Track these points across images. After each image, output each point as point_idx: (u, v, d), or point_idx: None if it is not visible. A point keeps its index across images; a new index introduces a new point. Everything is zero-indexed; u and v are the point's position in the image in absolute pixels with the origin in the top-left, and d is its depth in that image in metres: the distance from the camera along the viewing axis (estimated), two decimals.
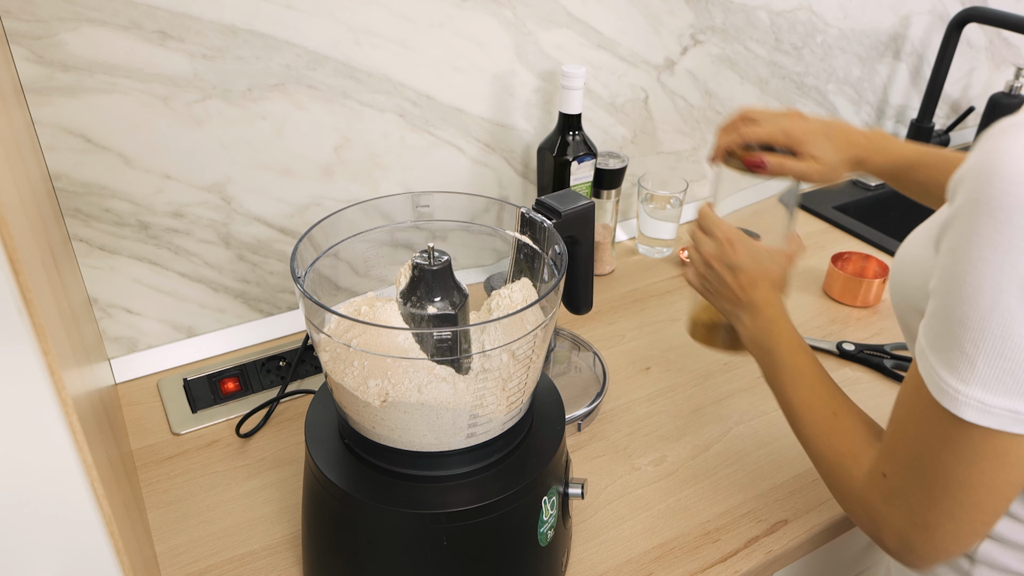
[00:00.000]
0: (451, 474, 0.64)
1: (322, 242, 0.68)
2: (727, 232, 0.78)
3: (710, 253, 0.77)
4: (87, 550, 0.44)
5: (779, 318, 0.73)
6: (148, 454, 0.88)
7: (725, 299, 0.77)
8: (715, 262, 0.77)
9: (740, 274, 0.75)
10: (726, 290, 0.77)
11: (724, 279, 0.76)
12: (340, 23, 0.94)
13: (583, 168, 1.10)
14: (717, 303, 0.79)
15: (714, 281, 0.78)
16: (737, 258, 0.76)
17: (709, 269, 0.78)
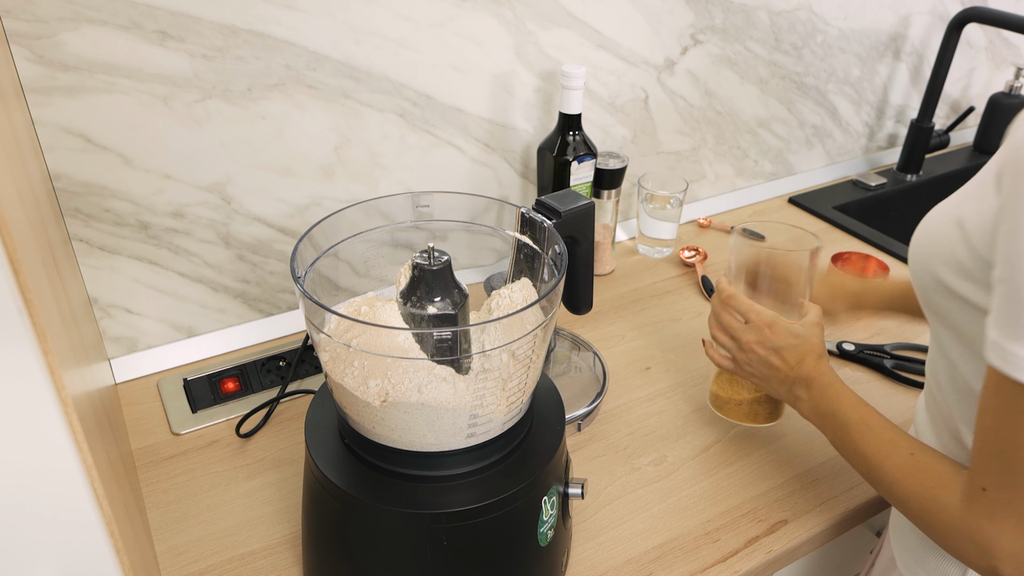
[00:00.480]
0: (451, 474, 0.64)
1: (322, 242, 0.68)
2: (762, 316, 0.79)
3: (752, 340, 0.79)
4: (87, 550, 0.44)
5: (833, 382, 0.75)
6: (148, 454, 0.88)
7: (775, 380, 0.79)
8: (759, 348, 0.79)
9: (786, 353, 0.77)
10: (774, 372, 0.78)
11: (771, 362, 0.78)
12: (340, 23, 0.94)
13: (583, 168, 1.10)
14: (765, 385, 0.81)
15: (759, 365, 0.80)
16: (779, 339, 0.78)
17: (752, 355, 0.80)
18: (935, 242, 0.63)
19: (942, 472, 0.62)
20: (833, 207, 1.43)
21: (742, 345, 0.81)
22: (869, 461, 0.68)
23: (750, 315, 0.80)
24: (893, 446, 0.67)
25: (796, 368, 0.77)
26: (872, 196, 1.49)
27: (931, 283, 0.64)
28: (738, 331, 0.81)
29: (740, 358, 0.82)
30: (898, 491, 0.65)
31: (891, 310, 0.89)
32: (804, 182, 1.51)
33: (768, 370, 0.79)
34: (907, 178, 1.54)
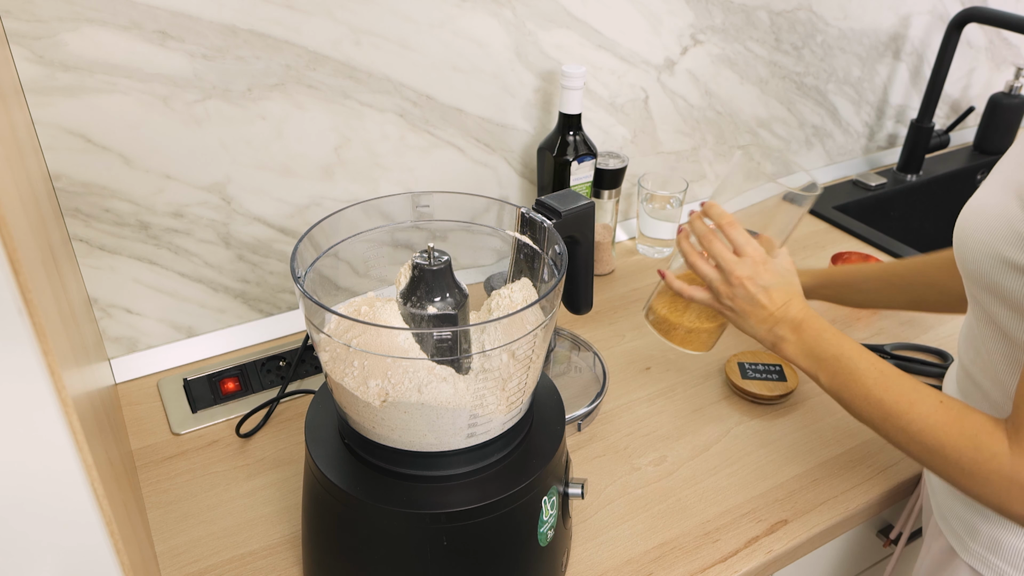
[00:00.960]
0: (451, 474, 0.64)
1: (322, 242, 0.68)
2: (758, 252, 0.78)
3: (744, 275, 0.77)
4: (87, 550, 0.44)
5: (827, 326, 0.73)
6: (148, 454, 0.88)
7: (754, 319, 0.77)
8: (749, 284, 0.77)
9: (774, 293, 0.76)
10: (758, 311, 0.76)
11: (759, 300, 0.76)
12: (340, 23, 0.94)
13: (583, 168, 1.10)
14: (740, 321, 0.78)
15: (743, 301, 0.77)
16: (770, 278, 0.76)
17: (740, 290, 0.77)
18: (991, 224, 0.62)
19: (982, 420, 0.60)
20: (833, 207, 1.43)
21: (730, 278, 0.77)
22: (889, 408, 0.66)
23: (747, 248, 0.78)
24: (917, 393, 0.65)
25: (782, 309, 0.75)
26: (872, 196, 1.49)
27: (992, 264, 0.62)
28: (730, 263, 0.78)
29: (723, 291, 0.78)
30: (930, 440, 0.63)
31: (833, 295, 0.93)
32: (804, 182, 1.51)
33: (752, 307, 0.77)
34: (907, 178, 1.54)
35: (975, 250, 0.64)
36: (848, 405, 0.70)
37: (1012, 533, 0.66)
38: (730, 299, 0.78)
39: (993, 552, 0.68)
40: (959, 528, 0.72)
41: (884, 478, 0.87)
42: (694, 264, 0.80)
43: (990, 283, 0.63)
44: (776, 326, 0.76)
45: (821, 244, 1.33)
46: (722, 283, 0.78)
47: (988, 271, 0.62)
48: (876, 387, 0.67)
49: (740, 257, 0.78)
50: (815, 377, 0.73)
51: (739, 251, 0.78)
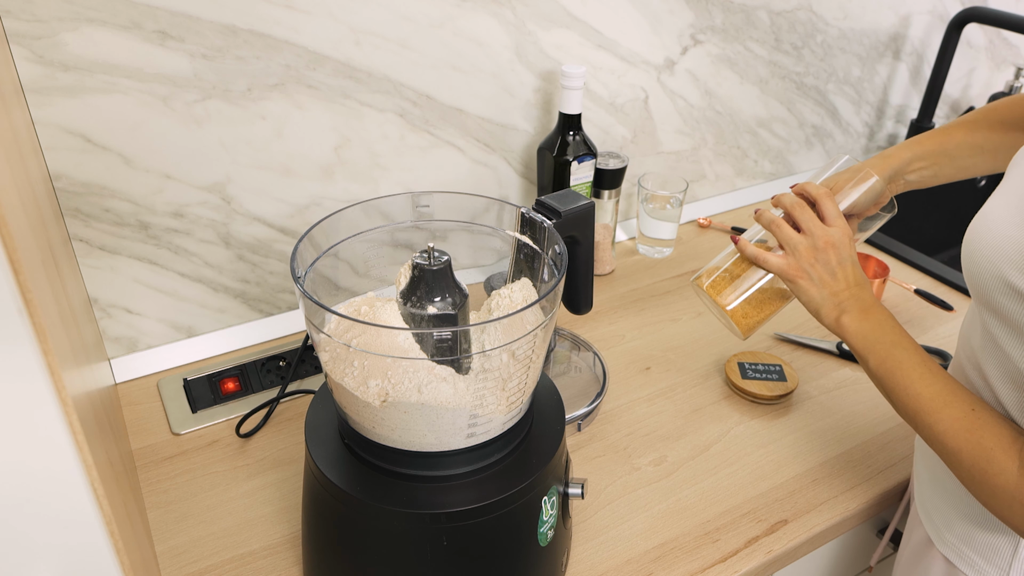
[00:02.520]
0: (451, 474, 0.64)
1: (322, 242, 0.68)
2: (847, 229, 0.78)
3: (832, 242, 0.77)
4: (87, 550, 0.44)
5: (894, 320, 0.73)
6: (148, 454, 0.88)
7: (828, 291, 0.76)
8: (833, 253, 0.77)
9: (851, 271, 0.76)
10: (835, 283, 0.76)
11: (837, 273, 0.76)
12: (340, 23, 0.94)
13: (583, 168, 1.10)
14: (814, 289, 0.77)
15: (822, 269, 0.77)
16: (851, 253, 0.77)
17: (825, 255, 0.77)
18: (1000, 244, 0.62)
19: (1002, 434, 0.61)
20: None
21: (818, 242, 0.77)
22: (924, 403, 0.66)
23: (838, 221, 0.78)
24: (954, 395, 0.65)
25: (854, 289, 0.75)
26: None
27: (996, 284, 0.62)
28: (820, 229, 0.77)
29: (805, 256, 0.77)
30: (950, 442, 0.64)
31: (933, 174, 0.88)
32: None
33: (830, 278, 0.76)
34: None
35: (982, 267, 0.64)
36: (888, 393, 0.70)
37: (984, 528, 0.69)
38: (810, 264, 0.77)
39: (967, 544, 0.71)
40: (937, 520, 0.74)
41: (884, 478, 0.87)
42: (779, 228, 0.80)
43: (992, 302, 0.63)
44: (845, 301, 0.75)
45: None
46: (808, 247, 0.78)
47: (991, 290, 0.63)
48: (919, 380, 0.68)
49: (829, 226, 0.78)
50: (864, 359, 0.73)
51: (830, 223, 0.78)
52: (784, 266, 0.79)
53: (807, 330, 1.12)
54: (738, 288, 0.84)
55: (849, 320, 0.74)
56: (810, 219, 0.78)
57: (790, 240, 0.79)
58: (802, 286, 0.78)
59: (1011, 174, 0.67)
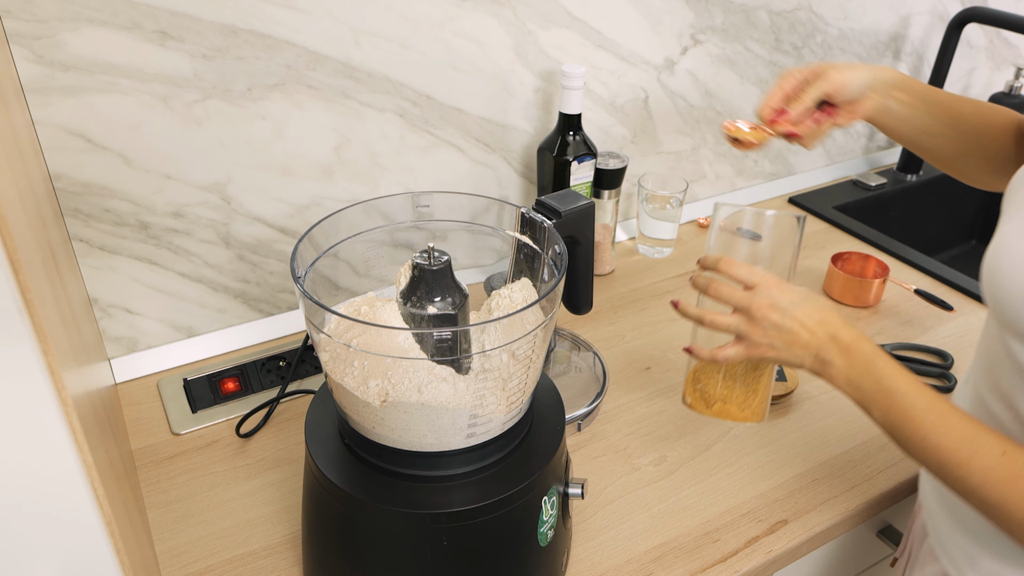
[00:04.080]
0: (451, 474, 0.64)
1: (322, 242, 0.68)
2: (768, 277, 0.71)
3: (764, 304, 0.70)
4: (87, 550, 0.44)
5: (877, 352, 0.66)
6: (148, 454, 0.88)
7: (797, 346, 0.69)
8: (772, 312, 0.69)
9: (801, 312, 0.69)
10: (795, 337, 0.69)
11: (788, 326, 0.69)
12: (340, 23, 0.94)
13: (583, 168, 1.10)
14: (786, 355, 0.70)
15: (775, 333, 0.70)
16: (792, 296, 0.70)
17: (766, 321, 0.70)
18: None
19: None
20: (833, 207, 1.43)
21: (753, 313, 0.70)
22: (947, 457, 0.60)
23: (753, 279, 0.71)
24: (979, 442, 0.59)
25: (820, 328, 0.68)
26: (872, 196, 1.49)
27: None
28: (744, 299, 0.71)
29: (752, 332, 0.71)
30: (992, 496, 0.58)
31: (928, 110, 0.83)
32: (804, 182, 1.51)
33: (788, 335, 0.69)
34: (907, 178, 1.54)
35: (1011, 293, 0.59)
36: (903, 445, 0.64)
37: (1014, 567, 0.65)
38: (762, 337, 0.70)
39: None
40: (958, 557, 0.70)
41: (884, 478, 0.87)
42: (711, 321, 0.74)
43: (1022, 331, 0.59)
44: (821, 349, 0.68)
45: (821, 244, 1.33)
46: (746, 323, 0.71)
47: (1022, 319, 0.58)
48: (934, 432, 0.61)
49: (752, 290, 0.71)
50: (866, 410, 0.66)
51: (747, 284, 0.72)
52: (744, 351, 0.73)
53: None
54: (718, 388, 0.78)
55: (835, 372, 0.68)
56: (729, 294, 0.72)
57: (729, 325, 0.73)
58: (773, 358, 0.72)
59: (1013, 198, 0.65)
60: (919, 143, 0.86)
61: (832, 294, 1.18)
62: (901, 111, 0.83)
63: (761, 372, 0.77)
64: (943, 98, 0.84)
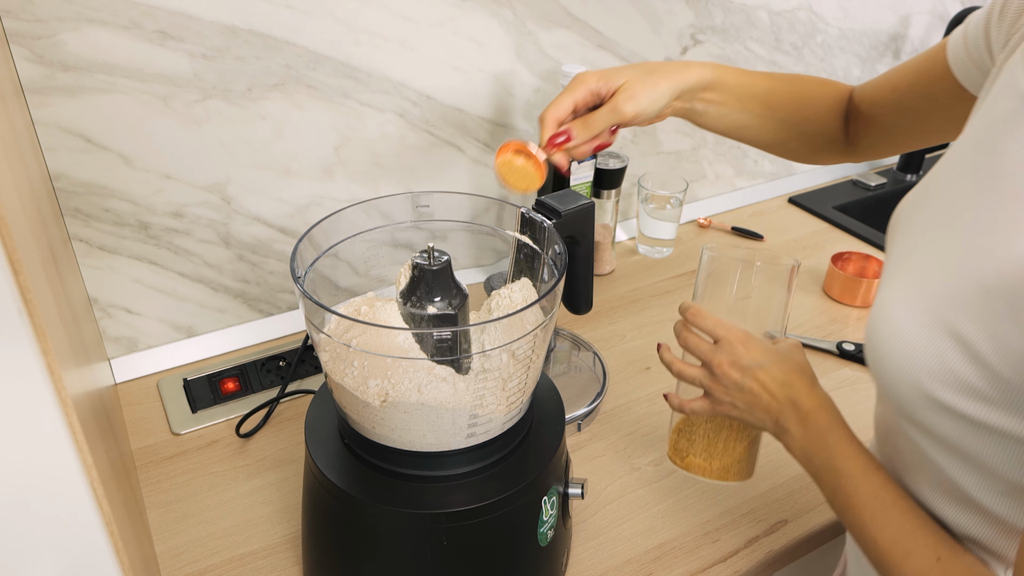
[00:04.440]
0: (451, 474, 0.64)
1: (322, 242, 0.68)
2: (733, 331, 0.67)
3: (725, 361, 0.67)
4: (87, 550, 0.44)
5: (835, 425, 0.62)
6: (148, 454, 0.88)
7: (759, 409, 0.66)
8: (732, 370, 0.66)
9: (763, 373, 0.65)
10: (756, 400, 0.65)
11: (749, 387, 0.66)
12: (340, 23, 0.94)
13: (583, 168, 1.10)
14: (748, 417, 0.67)
15: (736, 392, 0.67)
16: (756, 355, 0.66)
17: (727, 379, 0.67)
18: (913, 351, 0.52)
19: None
20: (833, 207, 1.43)
21: (714, 370, 0.67)
22: (882, 551, 0.56)
23: (718, 331, 0.68)
24: (915, 542, 0.55)
25: (781, 392, 0.64)
26: (872, 196, 1.49)
27: (917, 398, 0.53)
28: (707, 354, 0.68)
29: (714, 389, 0.68)
30: None
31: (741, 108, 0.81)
32: (804, 182, 1.51)
33: (749, 398, 0.66)
34: (907, 178, 1.54)
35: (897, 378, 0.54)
36: (847, 527, 0.60)
37: None
38: (724, 395, 0.67)
39: None
40: None
41: None
42: (678, 371, 0.71)
43: (914, 417, 0.55)
44: (780, 415, 0.64)
45: (821, 244, 1.33)
46: (709, 379, 0.68)
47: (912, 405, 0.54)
48: (873, 523, 0.57)
49: (716, 344, 0.68)
50: (817, 484, 0.62)
51: (713, 337, 0.69)
52: (708, 408, 0.70)
53: (807, 330, 1.12)
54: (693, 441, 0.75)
55: (791, 441, 0.64)
56: (695, 345, 0.70)
57: (693, 378, 0.70)
58: (737, 418, 0.69)
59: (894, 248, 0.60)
60: (732, 135, 0.84)
61: (832, 294, 1.18)
62: (709, 111, 0.81)
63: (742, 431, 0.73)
64: (759, 88, 0.81)
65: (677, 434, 0.77)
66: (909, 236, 0.59)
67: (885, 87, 0.79)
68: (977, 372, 0.49)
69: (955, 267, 0.52)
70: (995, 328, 0.48)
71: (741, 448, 0.74)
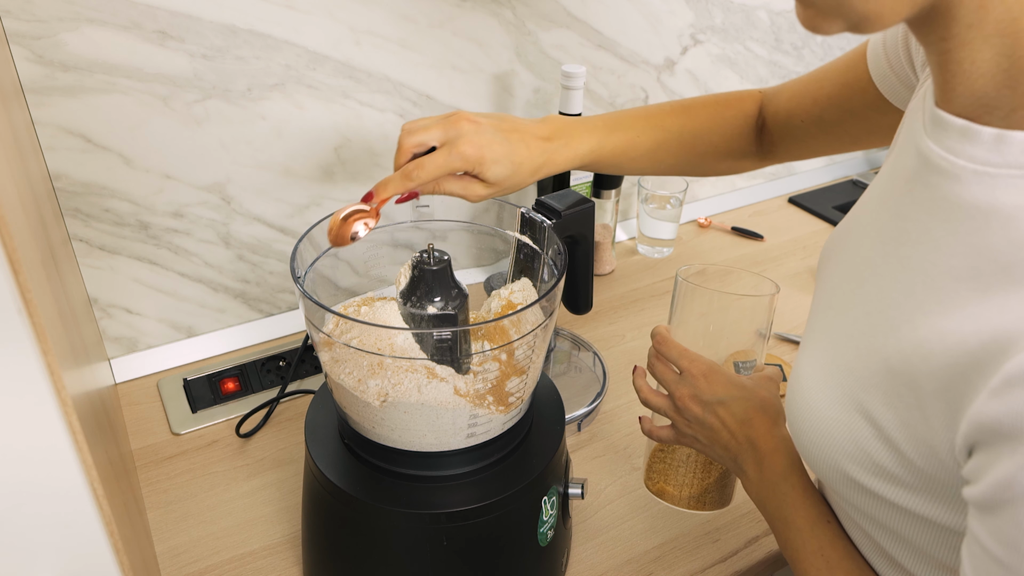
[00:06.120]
0: (451, 474, 0.64)
1: (322, 242, 0.68)
2: (697, 363, 0.65)
3: (686, 394, 0.65)
4: (87, 550, 0.44)
5: (790, 472, 0.60)
6: (148, 454, 0.88)
7: (719, 445, 0.64)
8: (693, 404, 0.64)
9: (723, 410, 0.63)
10: (715, 435, 0.63)
11: (709, 422, 0.63)
12: (340, 23, 0.94)
13: None
14: (711, 452, 0.66)
15: (697, 427, 0.65)
16: (718, 391, 0.63)
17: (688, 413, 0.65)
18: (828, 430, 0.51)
19: None
20: (833, 207, 1.43)
21: (676, 402, 0.66)
22: None
23: (681, 363, 0.66)
24: None
25: (740, 430, 0.62)
26: None
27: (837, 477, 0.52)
28: (671, 384, 0.66)
29: (677, 421, 0.67)
30: None
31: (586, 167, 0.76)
32: (804, 182, 1.51)
33: (708, 433, 0.64)
34: None
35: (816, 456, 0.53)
36: None
37: None
38: (686, 428, 0.66)
39: None
40: None
41: None
42: (644, 398, 0.69)
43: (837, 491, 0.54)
44: (739, 455, 0.62)
45: (821, 244, 1.33)
46: (672, 410, 0.67)
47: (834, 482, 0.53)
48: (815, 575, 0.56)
49: (680, 375, 0.66)
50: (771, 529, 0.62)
51: (678, 367, 0.67)
52: (675, 437, 0.68)
53: None
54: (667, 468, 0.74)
55: (748, 483, 0.63)
56: (661, 373, 0.68)
57: (658, 407, 0.68)
58: (700, 450, 0.67)
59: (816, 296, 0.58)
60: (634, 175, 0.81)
61: None
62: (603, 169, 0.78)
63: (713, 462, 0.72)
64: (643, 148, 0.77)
65: (652, 460, 0.76)
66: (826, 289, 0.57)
67: (805, 98, 0.75)
68: (891, 456, 0.47)
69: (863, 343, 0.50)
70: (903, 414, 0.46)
71: (712, 478, 0.73)
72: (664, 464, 0.75)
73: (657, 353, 0.69)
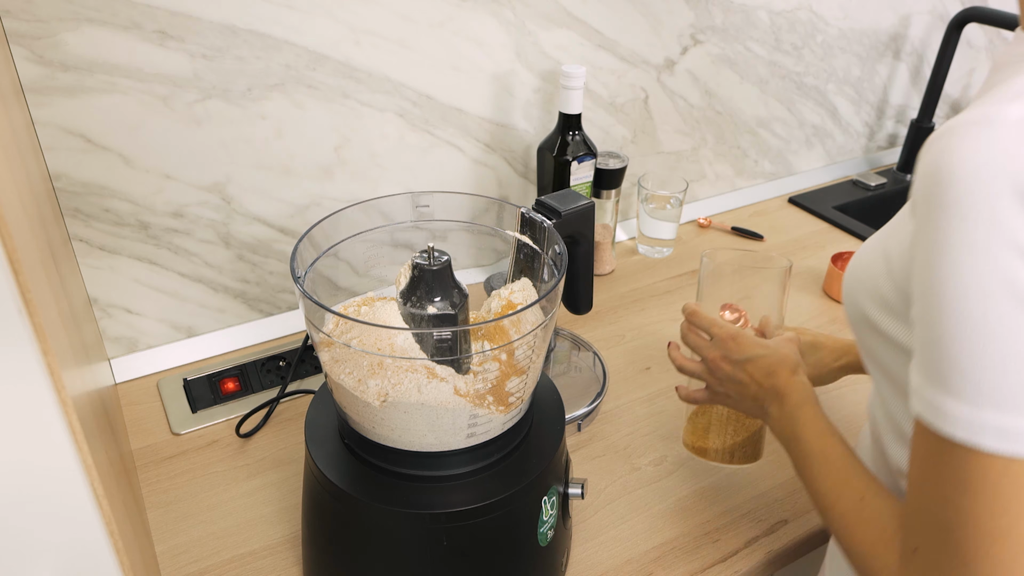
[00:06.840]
0: (451, 474, 0.64)
1: (322, 242, 0.68)
2: (726, 328, 0.75)
3: (718, 356, 0.74)
4: (87, 550, 0.44)
5: (804, 403, 0.67)
6: (148, 454, 0.88)
7: (746, 398, 0.73)
8: (724, 363, 0.74)
9: (752, 366, 0.72)
10: (744, 389, 0.72)
11: (739, 378, 0.72)
12: (340, 23, 0.94)
13: (583, 168, 1.10)
14: (738, 405, 0.75)
15: (729, 384, 0.74)
16: (746, 351, 0.73)
17: (720, 372, 0.74)
18: (863, 276, 0.59)
19: (885, 527, 0.55)
20: (833, 207, 1.43)
21: (709, 364, 0.75)
22: (821, 499, 0.61)
23: (713, 329, 0.75)
24: (846, 486, 0.59)
25: (766, 381, 0.70)
26: (872, 196, 1.49)
27: (860, 319, 0.59)
28: (703, 349, 0.76)
29: (710, 381, 0.76)
30: (842, 538, 0.57)
31: None
32: (804, 182, 1.51)
33: (738, 387, 0.73)
34: (907, 178, 1.54)
35: (848, 301, 0.62)
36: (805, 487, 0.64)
37: None
38: (719, 387, 0.75)
39: None
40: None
41: None
42: (679, 366, 0.80)
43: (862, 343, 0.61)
44: (764, 401, 0.71)
45: (821, 244, 1.33)
46: (706, 372, 0.76)
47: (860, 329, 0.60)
48: (818, 475, 0.62)
49: (711, 341, 0.76)
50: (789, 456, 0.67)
51: (709, 334, 0.76)
52: (708, 397, 0.78)
53: None
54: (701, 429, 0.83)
55: (772, 422, 0.70)
56: (694, 342, 0.77)
57: (693, 372, 0.78)
58: (732, 406, 0.76)
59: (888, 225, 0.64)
60: None
61: (832, 294, 1.18)
62: None
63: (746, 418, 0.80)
64: None
65: (690, 422, 0.85)
66: None
67: None
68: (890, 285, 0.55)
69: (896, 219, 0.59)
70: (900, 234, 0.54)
71: (745, 433, 0.81)
72: (700, 424, 0.83)
73: (689, 324, 0.78)
